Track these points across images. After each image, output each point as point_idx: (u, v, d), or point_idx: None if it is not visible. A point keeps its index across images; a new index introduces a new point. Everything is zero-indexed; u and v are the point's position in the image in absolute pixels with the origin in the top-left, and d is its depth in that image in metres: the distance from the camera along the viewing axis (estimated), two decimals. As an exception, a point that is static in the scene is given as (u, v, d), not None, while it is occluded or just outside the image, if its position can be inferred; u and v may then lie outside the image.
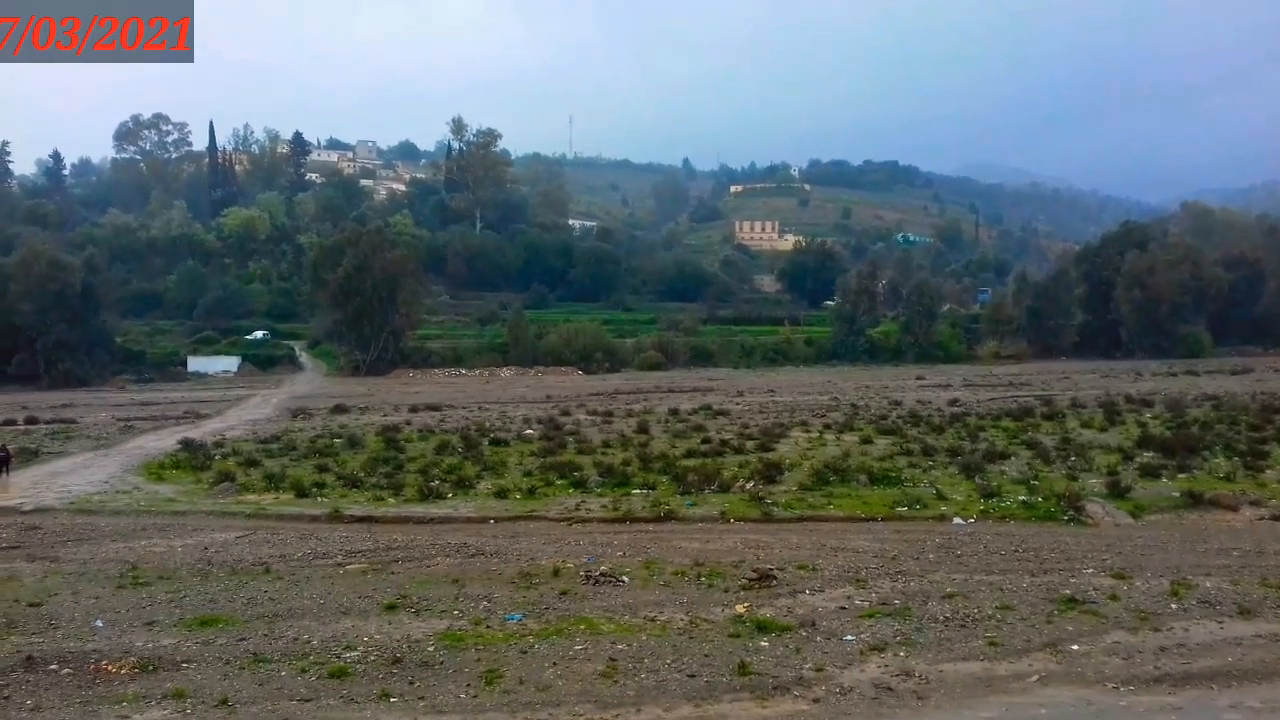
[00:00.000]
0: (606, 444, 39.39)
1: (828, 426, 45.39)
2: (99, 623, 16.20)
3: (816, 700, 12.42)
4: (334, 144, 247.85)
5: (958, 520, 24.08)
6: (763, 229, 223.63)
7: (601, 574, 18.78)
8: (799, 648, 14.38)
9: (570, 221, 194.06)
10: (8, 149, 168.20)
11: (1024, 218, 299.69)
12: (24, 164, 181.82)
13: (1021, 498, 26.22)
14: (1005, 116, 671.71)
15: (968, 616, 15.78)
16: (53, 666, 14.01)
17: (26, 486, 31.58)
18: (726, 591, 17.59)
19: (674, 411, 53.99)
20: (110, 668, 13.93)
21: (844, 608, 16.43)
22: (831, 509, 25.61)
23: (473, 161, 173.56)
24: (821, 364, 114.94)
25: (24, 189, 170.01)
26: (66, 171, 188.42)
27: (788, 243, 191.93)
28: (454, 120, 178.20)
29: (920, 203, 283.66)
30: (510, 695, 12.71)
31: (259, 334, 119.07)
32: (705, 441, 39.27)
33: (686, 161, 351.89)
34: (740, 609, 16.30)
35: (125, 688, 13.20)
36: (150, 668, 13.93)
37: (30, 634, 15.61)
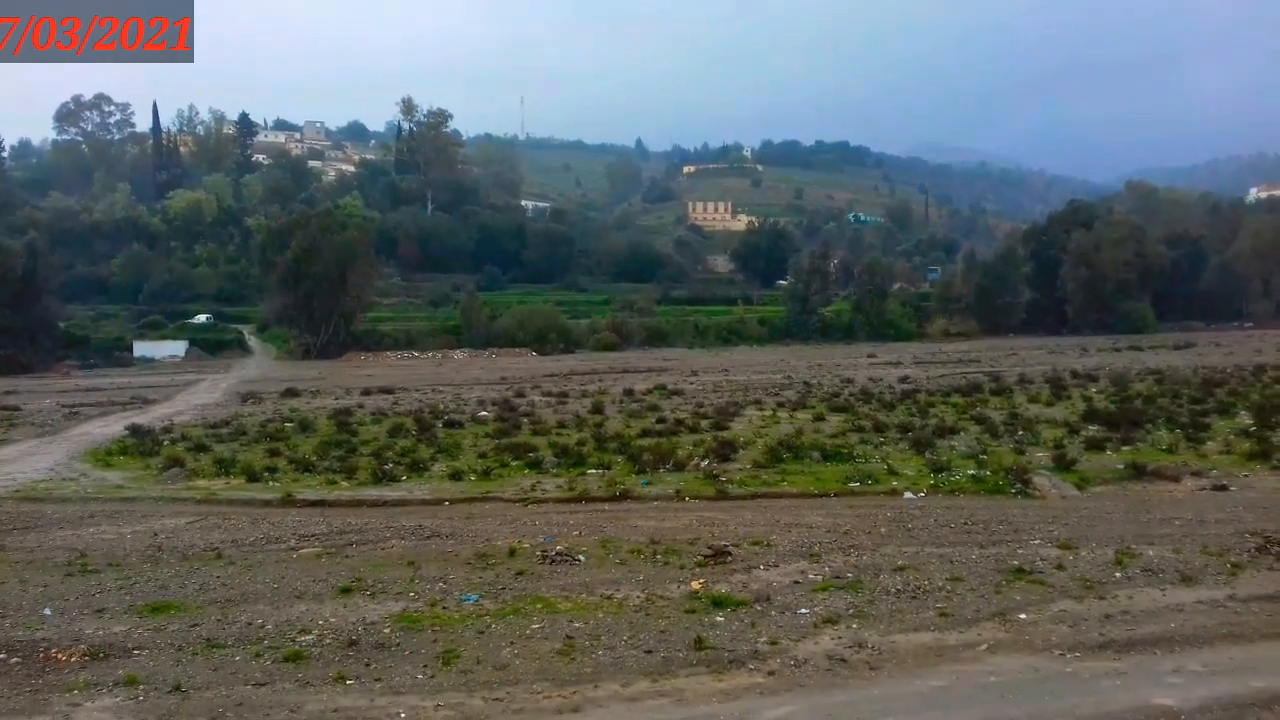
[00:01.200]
0: (562, 425, 39.38)
1: (781, 404, 45.74)
2: (47, 611, 15.94)
3: (772, 673, 12.58)
4: (281, 125, 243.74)
5: (909, 494, 24.43)
6: (716, 209, 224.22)
7: (558, 553, 18.81)
8: (754, 622, 14.54)
9: (523, 203, 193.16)
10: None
11: (973, 197, 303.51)
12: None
13: (970, 472, 26.63)
14: (954, 95, 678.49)
15: (919, 588, 16.04)
16: (1, 655, 13.79)
17: (-32, 475, 30.92)
18: (682, 569, 17.71)
19: (629, 392, 54.09)
20: (60, 656, 13.73)
21: (798, 582, 16.62)
22: (785, 485, 25.86)
23: (423, 142, 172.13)
24: (775, 343, 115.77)
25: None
26: (5, 154, 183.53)
27: (741, 223, 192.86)
28: (404, 100, 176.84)
29: (871, 183, 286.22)
30: (468, 675, 12.72)
31: (203, 318, 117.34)
32: (660, 421, 39.41)
33: (639, 142, 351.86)
34: (696, 585, 16.42)
35: (76, 675, 13.02)
36: (101, 655, 13.74)
37: (-24, 624, 15.34)
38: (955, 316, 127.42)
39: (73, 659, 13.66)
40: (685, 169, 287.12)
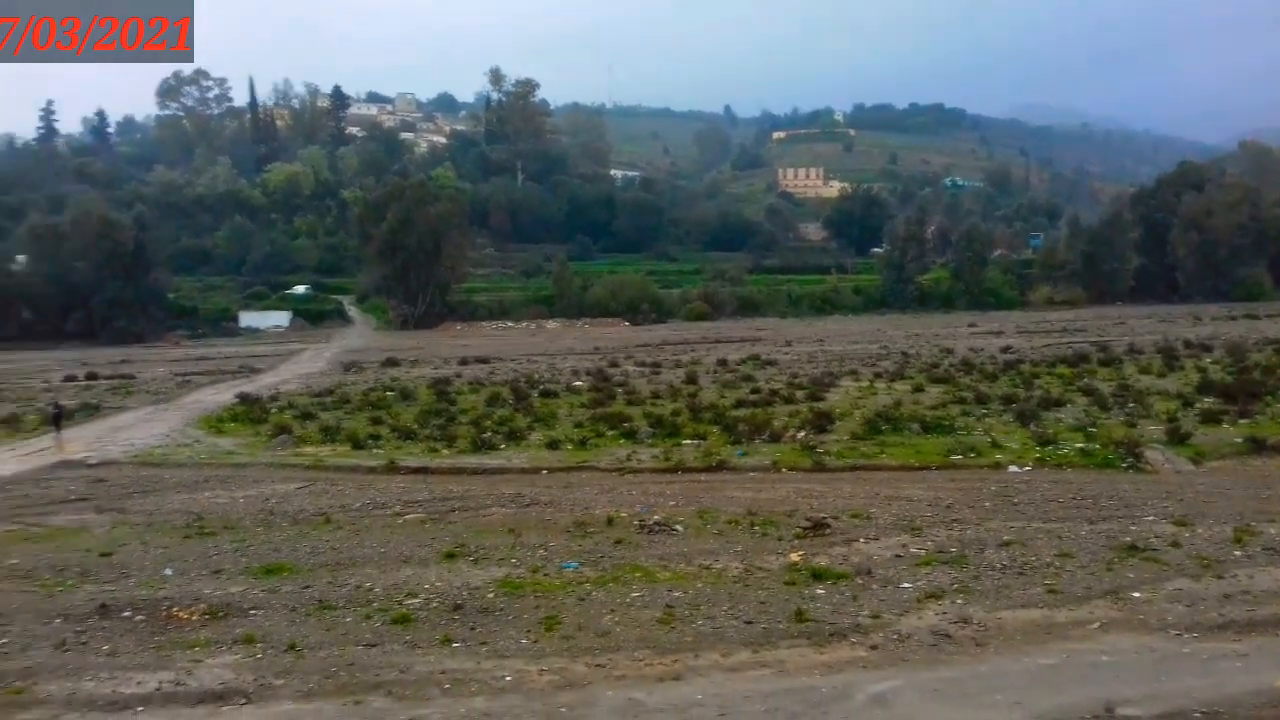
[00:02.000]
0: (656, 395, 39.47)
1: (878, 375, 45.08)
2: (168, 571, 16.63)
3: (874, 647, 12.46)
4: (373, 97, 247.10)
5: (1013, 468, 23.90)
6: (807, 176, 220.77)
7: (655, 523, 18.90)
8: (855, 595, 14.41)
9: (612, 172, 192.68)
10: (53, 108, 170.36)
11: (1075, 160, 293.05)
12: (70, 122, 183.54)
13: (1079, 445, 25.93)
14: (1056, 55, 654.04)
15: (1026, 564, 15.69)
16: (126, 613, 14.42)
17: (91, 440, 32.38)
18: (780, 540, 17.64)
19: (722, 362, 53.91)
20: (181, 614, 14.32)
21: (899, 556, 16.41)
22: (884, 458, 25.52)
23: (512, 113, 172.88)
24: (870, 312, 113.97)
25: (71, 148, 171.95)
26: (111, 129, 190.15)
27: (833, 189, 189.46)
28: (491, 71, 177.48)
29: (968, 146, 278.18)
30: (570, 641, 12.89)
31: (302, 289, 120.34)
32: (754, 391, 39.21)
33: (728, 108, 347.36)
34: (795, 557, 16.34)
35: (197, 633, 13.57)
36: (220, 614, 14.30)
37: (103, 582, 16.06)
38: (1059, 284, 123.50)
39: (193, 617, 14.24)
40: (775, 135, 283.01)
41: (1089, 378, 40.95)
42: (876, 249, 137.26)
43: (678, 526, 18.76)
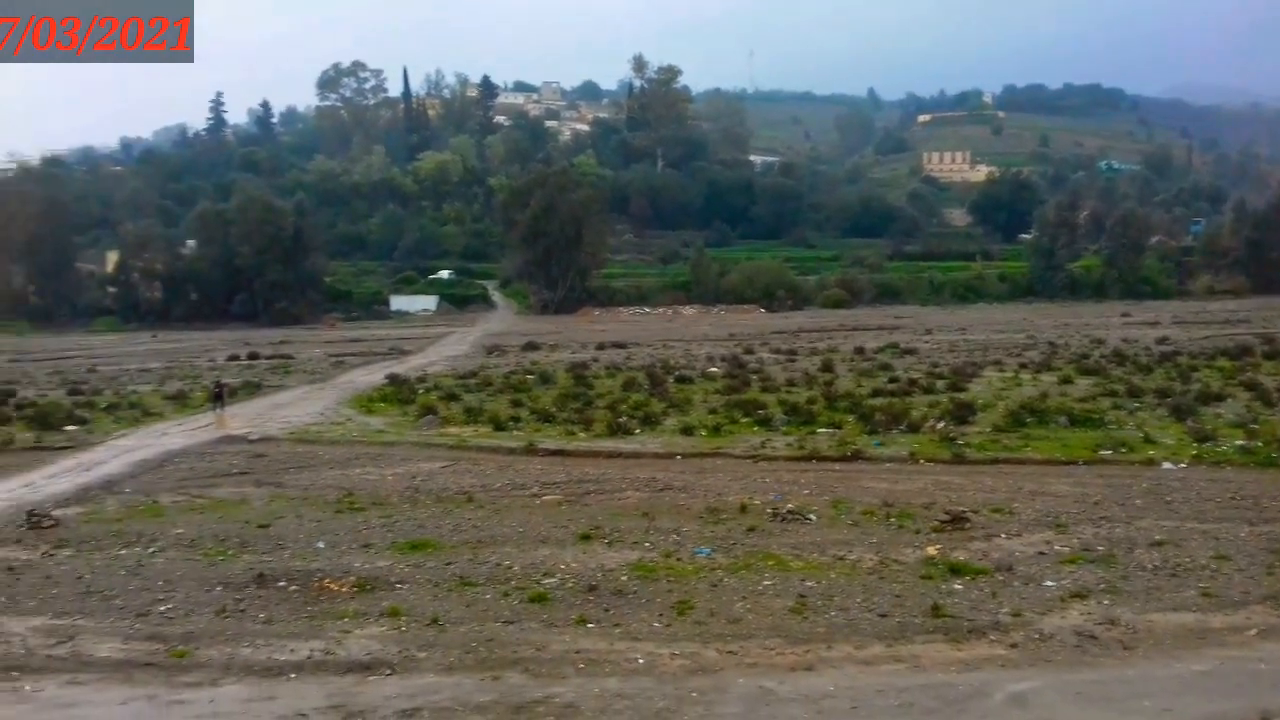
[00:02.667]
0: (791, 382, 39.17)
1: (1024, 366, 43.62)
2: (320, 544, 17.48)
3: (1014, 645, 12.16)
4: (520, 86, 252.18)
5: (1167, 465, 22.81)
6: (953, 160, 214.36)
7: (788, 511, 18.83)
8: (995, 592, 14.08)
9: (751, 157, 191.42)
10: (222, 100, 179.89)
11: (1242, 141, 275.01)
12: (237, 114, 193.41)
13: (1239, 442, 24.53)
14: (1223, 30, 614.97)
15: (1178, 565, 15.02)
16: (281, 583, 15.24)
17: (251, 417, 34.19)
18: (917, 533, 17.34)
19: (859, 350, 53.09)
20: (332, 586, 15.04)
21: (1043, 553, 15.93)
22: (1028, 451, 24.70)
23: (654, 99, 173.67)
24: (1016, 301, 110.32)
25: (238, 138, 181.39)
26: (275, 120, 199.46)
27: (980, 173, 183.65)
28: (635, 58, 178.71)
29: (1125, 128, 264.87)
30: (702, 626, 13.01)
31: (445, 274, 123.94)
32: (892, 380, 38.51)
33: (871, 91, 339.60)
34: (932, 550, 16.05)
35: (346, 605, 14.25)
36: (368, 587, 14.96)
37: (260, 553, 17.00)
38: (1222, 272, 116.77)
39: (343, 589, 14.95)
40: (920, 118, 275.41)
41: (1252, 372, 38.64)
42: (1024, 235, 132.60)
43: (811, 516, 18.65)
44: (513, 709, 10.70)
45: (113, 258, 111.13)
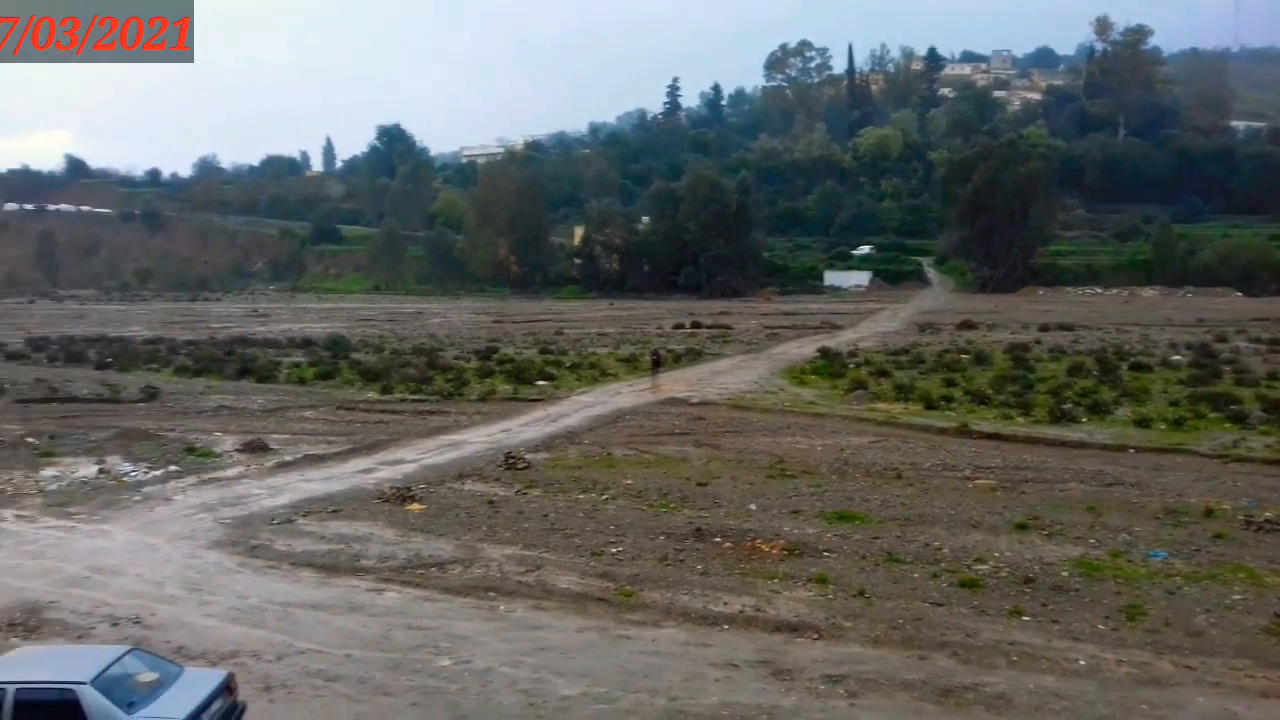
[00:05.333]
0: (1273, 375, 34.38)
1: None
2: (753, 506, 18.16)
3: None
4: (968, 56, 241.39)
5: None
6: None
7: (1265, 521, 16.59)
8: None
9: (1233, 123, 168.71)
10: (678, 85, 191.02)
11: None
12: (690, 98, 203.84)
13: None
14: None
15: None
16: (716, 539, 16.05)
17: (692, 382, 36.25)
18: None
19: (1368, 343, 45.24)
20: (763, 547, 15.59)
21: None
22: None
23: (1118, 63, 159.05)
24: None
25: (690, 120, 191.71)
26: (724, 102, 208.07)
27: None
28: (1097, 20, 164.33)
29: None
30: (1155, 635, 11.87)
31: (866, 249, 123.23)
32: None
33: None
34: None
35: (776, 566, 14.70)
36: (797, 552, 15.32)
37: (698, 509, 18.01)
38: None
39: (773, 551, 15.43)
40: None
41: None
42: None
43: (1294, 528, 16.27)
44: (940, 691, 10.46)
45: (579, 232, 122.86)
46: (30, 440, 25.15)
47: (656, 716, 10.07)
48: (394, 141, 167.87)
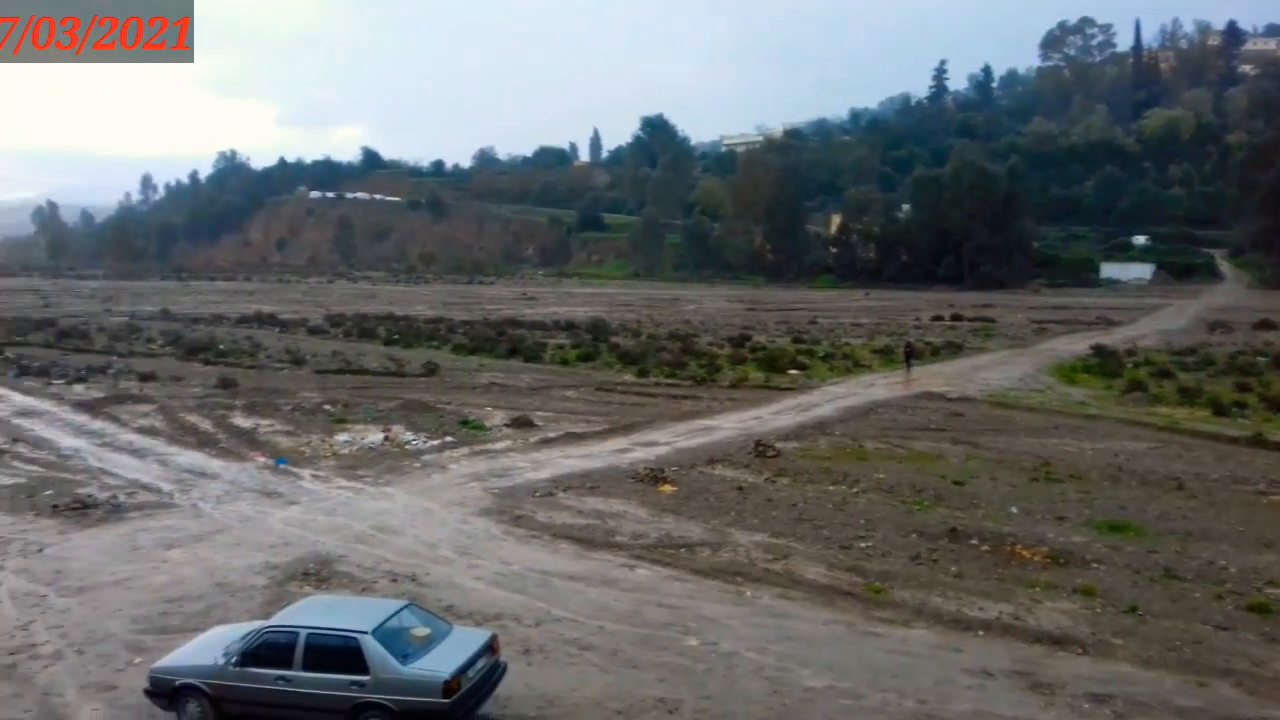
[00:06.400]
0: None
1: None
2: (1014, 509, 17.37)
3: None
4: (1273, 30, 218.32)
5: None
6: None
7: None
8: None
9: None
10: (945, 68, 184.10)
11: None
12: (958, 80, 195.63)
13: None
14: None
15: None
16: (973, 541, 15.48)
17: (951, 376, 34.99)
18: None
19: None
20: (1024, 552, 14.88)
21: None
22: None
23: None
24: None
25: (957, 103, 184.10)
26: (994, 84, 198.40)
27: None
28: None
29: None
30: None
31: (1141, 239, 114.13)
32: None
33: None
34: None
35: (1037, 574, 14.01)
36: (1061, 561, 14.53)
37: (954, 508, 17.43)
38: None
39: (1035, 558, 14.70)
40: None
41: None
42: None
43: None
44: (1221, 722, 9.68)
45: (835, 221, 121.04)
46: (327, 407, 27.73)
47: (904, 718, 9.89)
48: (656, 132, 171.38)
